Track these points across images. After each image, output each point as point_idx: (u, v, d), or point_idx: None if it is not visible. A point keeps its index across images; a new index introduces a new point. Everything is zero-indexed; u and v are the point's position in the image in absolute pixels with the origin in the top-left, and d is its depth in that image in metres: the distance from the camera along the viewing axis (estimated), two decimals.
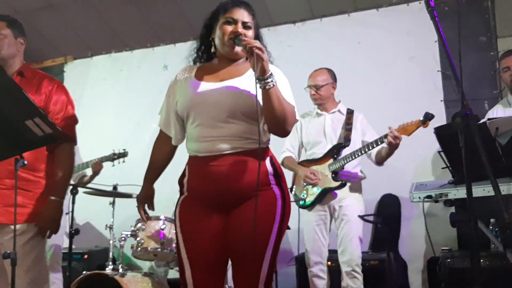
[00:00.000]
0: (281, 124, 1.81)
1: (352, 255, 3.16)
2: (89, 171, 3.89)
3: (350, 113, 3.41)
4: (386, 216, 4.19)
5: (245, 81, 1.87)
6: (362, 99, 4.39)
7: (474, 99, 4.06)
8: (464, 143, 1.47)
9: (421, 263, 4.09)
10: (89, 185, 3.66)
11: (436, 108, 4.04)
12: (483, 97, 4.08)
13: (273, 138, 3.47)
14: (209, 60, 2.06)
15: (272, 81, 1.73)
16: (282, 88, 1.84)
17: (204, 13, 2.07)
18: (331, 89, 3.47)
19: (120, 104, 5.31)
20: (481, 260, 3.53)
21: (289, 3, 5.61)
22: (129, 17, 5.84)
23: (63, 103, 2.34)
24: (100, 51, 5.57)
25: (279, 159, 3.50)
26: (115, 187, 3.47)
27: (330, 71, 3.50)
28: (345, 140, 3.29)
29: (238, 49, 1.87)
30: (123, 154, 3.88)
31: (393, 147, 3.05)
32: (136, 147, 4.29)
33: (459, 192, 2.71)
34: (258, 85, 1.74)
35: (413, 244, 4.17)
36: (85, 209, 4.33)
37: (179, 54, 2.30)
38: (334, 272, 3.38)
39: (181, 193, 2.01)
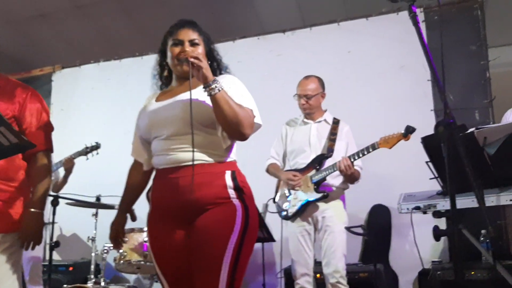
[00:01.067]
0: (235, 128, 1.82)
1: (336, 266, 3.11)
2: (62, 171, 3.82)
3: (335, 123, 3.38)
4: (377, 227, 4.14)
5: (197, 93, 1.87)
6: (352, 107, 4.36)
7: (464, 108, 4.03)
8: (447, 153, 1.41)
9: (413, 275, 4.01)
10: (72, 197, 3.57)
11: (426, 117, 4.01)
12: (473, 106, 4.05)
13: (259, 147, 3.47)
14: (168, 84, 2.12)
15: (216, 87, 1.77)
16: (236, 93, 1.88)
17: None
18: (320, 99, 3.44)
19: (109, 114, 5.25)
20: (472, 272, 3.48)
21: (281, 12, 5.62)
22: (120, 26, 5.83)
23: (38, 111, 2.28)
24: (88, 60, 5.52)
25: (264, 166, 3.49)
26: (98, 198, 3.39)
27: (319, 80, 3.46)
28: (328, 151, 3.27)
29: (186, 66, 1.89)
30: (96, 147, 3.84)
31: (343, 174, 3.12)
32: (124, 157, 4.21)
33: (448, 203, 2.65)
34: (206, 93, 1.78)
35: (405, 255, 4.10)
36: (71, 220, 4.26)
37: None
38: (323, 285, 3.31)
39: (150, 207, 2.02)
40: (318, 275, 3.34)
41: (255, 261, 4.03)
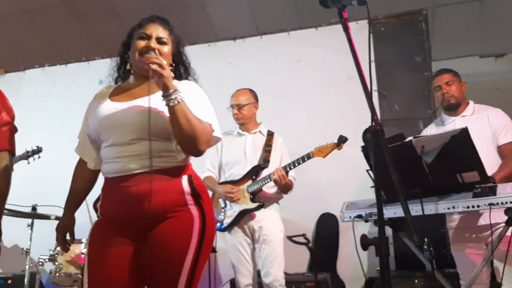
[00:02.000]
0: (191, 143, 1.72)
1: (275, 275, 3.13)
2: None
3: (270, 135, 3.44)
4: (324, 235, 4.15)
5: (157, 100, 1.77)
6: (302, 117, 4.38)
7: (409, 118, 4.11)
8: (374, 160, 1.39)
9: (360, 283, 4.03)
10: (7, 206, 3.39)
11: None
12: (418, 117, 4.13)
13: (204, 156, 3.41)
14: (126, 79, 2.00)
15: (176, 98, 1.66)
16: (197, 105, 1.78)
17: None
18: (253, 109, 3.47)
19: (52, 121, 5.06)
20: (416, 281, 3.53)
21: (235, 20, 5.62)
22: (67, 31, 5.67)
23: None
24: (33, 64, 5.33)
25: None
26: (34, 208, 3.23)
27: (252, 91, 3.51)
28: (264, 162, 3.31)
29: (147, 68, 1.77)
30: (37, 151, 3.69)
31: (277, 184, 3.16)
32: (67, 165, 4.06)
33: (388, 212, 2.68)
34: (164, 102, 1.67)
35: (353, 264, 4.11)
36: (12, 231, 4.05)
37: None
38: None
39: (97, 217, 1.90)
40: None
41: (202, 273, 3.95)
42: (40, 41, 5.47)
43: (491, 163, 2.87)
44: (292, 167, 3.18)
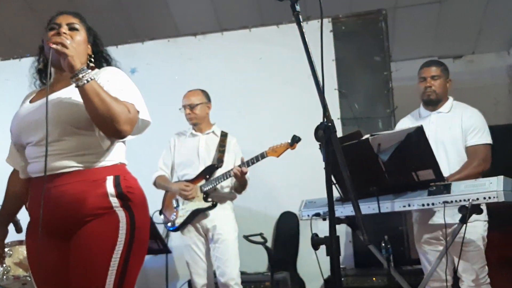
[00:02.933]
0: (109, 123, 1.61)
1: (230, 275, 3.13)
2: None
3: (224, 135, 3.44)
4: (285, 234, 4.13)
5: (70, 90, 1.70)
6: (262, 115, 4.35)
7: (368, 117, 4.14)
8: (326, 157, 1.36)
9: (320, 282, 4.03)
10: None
11: None
12: (377, 116, 4.16)
13: (148, 158, 3.37)
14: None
15: (84, 76, 1.57)
16: (115, 86, 1.70)
17: (109, 24, 1.90)
18: (206, 109, 3.46)
19: (6, 119, 4.84)
20: (374, 279, 3.57)
21: (196, 16, 5.54)
22: (23, 24, 5.46)
23: None
24: None
25: (152, 179, 3.41)
26: None
27: (204, 92, 3.50)
28: (218, 161, 3.31)
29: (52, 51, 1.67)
30: None
31: (238, 178, 3.17)
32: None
33: (346, 210, 2.69)
34: (74, 84, 1.60)
35: (313, 262, 4.10)
36: None
37: None
38: None
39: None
40: None
41: (161, 273, 3.87)
42: None
43: (459, 161, 2.91)
44: (246, 166, 3.17)
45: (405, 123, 3.12)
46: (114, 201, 1.69)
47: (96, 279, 1.61)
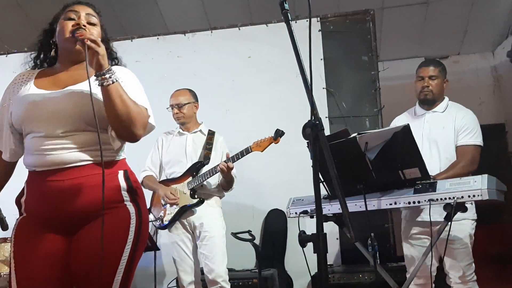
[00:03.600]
0: (127, 126, 1.63)
1: (218, 272, 3.14)
2: None
3: (211, 134, 3.46)
4: (273, 231, 4.16)
5: (86, 85, 1.66)
6: (252, 113, 4.36)
7: (356, 116, 4.18)
8: (314, 154, 1.38)
9: (307, 279, 4.07)
10: None
11: None
12: (364, 114, 4.20)
13: (134, 156, 3.37)
14: (50, 66, 1.88)
15: (110, 77, 1.59)
16: (131, 88, 1.71)
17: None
18: (194, 108, 3.48)
19: None
20: (360, 275, 3.60)
21: (186, 14, 5.53)
22: (10, 19, 5.41)
23: None
24: None
25: (139, 178, 3.38)
26: None
27: (191, 91, 3.52)
28: (205, 159, 3.33)
29: (80, 45, 1.67)
30: None
31: (224, 174, 3.19)
32: None
33: (333, 207, 2.71)
34: (97, 83, 1.60)
35: (301, 259, 4.13)
36: None
37: None
38: None
39: (20, 214, 1.77)
40: None
41: (149, 270, 3.87)
42: None
43: (451, 161, 2.95)
44: (231, 161, 3.18)
45: (401, 120, 3.16)
46: (125, 195, 1.71)
47: (108, 272, 1.62)
